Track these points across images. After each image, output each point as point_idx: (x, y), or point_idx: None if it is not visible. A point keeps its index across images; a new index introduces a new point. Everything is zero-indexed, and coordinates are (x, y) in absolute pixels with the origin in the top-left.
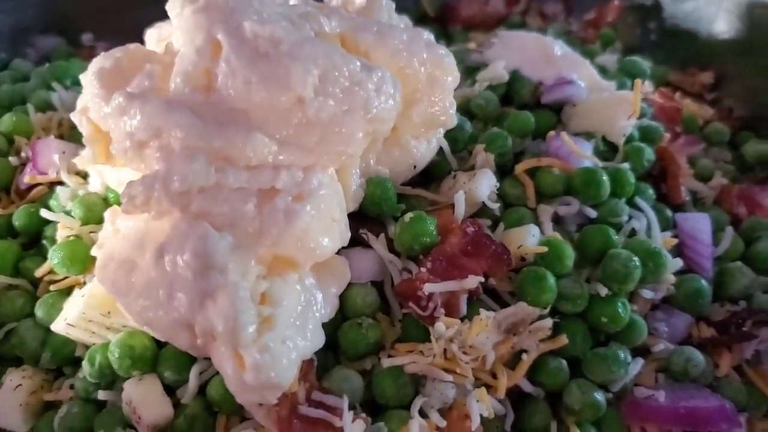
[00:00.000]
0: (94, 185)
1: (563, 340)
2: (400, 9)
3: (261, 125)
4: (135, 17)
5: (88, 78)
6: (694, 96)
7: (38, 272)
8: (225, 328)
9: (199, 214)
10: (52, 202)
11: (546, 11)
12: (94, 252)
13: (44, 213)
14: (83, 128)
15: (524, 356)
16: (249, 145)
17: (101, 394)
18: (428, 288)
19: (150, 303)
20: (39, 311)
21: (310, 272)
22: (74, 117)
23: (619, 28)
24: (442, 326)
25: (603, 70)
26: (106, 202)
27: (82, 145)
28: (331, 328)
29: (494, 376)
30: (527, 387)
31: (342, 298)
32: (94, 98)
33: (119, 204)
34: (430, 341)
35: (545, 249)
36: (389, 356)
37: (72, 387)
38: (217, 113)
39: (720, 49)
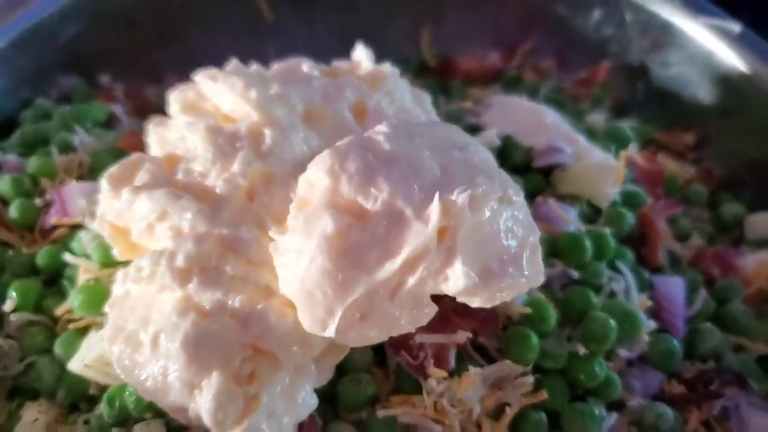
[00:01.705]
0: None
1: (543, 395)
2: (402, 59)
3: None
4: (151, 59)
5: (101, 185)
6: (677, 155)
7: (58, 311)
8: (208, 420)
9: (194, 294)
10: (74, 244)
11: (540, 66)
12: (106, 309)
13: (67, 257)
14: (104, 232)
15: (507, 409)
16: (253, 245)
17: None
18: (419, 337)
19: (150, 385)
20: (58, 348)
21: None
22: (96, 225)
23: (608, 87)
24: (434, 382)
25: (591, 132)
26: None
27: None
28: (330, 382)
29: (479, 426)
30: None
31: None
32: (107, 200)
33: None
34: (421, 393)
35: (529, 310)
36: (384, 407)
37: (86, 422)
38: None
39: (702, 112)
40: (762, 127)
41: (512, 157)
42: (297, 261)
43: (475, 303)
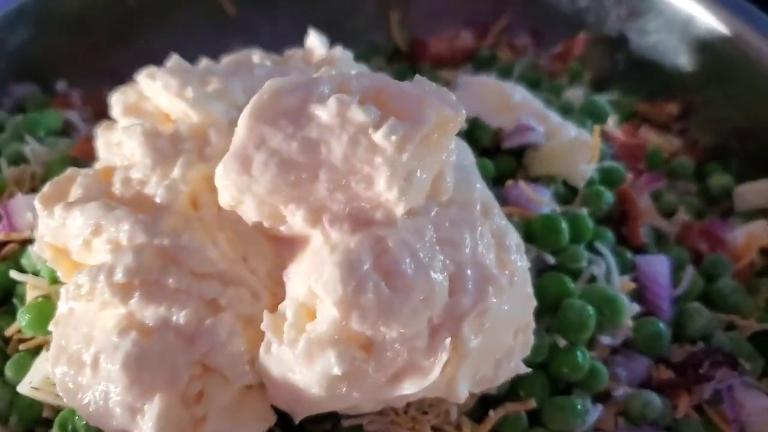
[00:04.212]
0: None
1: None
2: (373, 46)
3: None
4: (110, 62)
5: (35, 205)
6: (661, 126)
7: (8, 331)
8: None
9: (137, 311)
10: (23, 261)
11: (515, 44)
12: (50, 327)
13: (13, 274)
14: (45, 254)
15: (491, 413)
16: (196, 254)
17: None
18: None
19: (93, 409)
20: (8, 371)
21: None
22: (36, 248)
23: (587, 60)
24: None
25: (567, 109)
26: None
27: None
28: None
29: (459, 428)
30: None
31: None
32: (42, 219)
33: None
34: None
35: None
36: (348, 416)
37: None
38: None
39: (685, 80)
40: (748, 92)
41: (480, 140)
42: (288, 375)
43: None
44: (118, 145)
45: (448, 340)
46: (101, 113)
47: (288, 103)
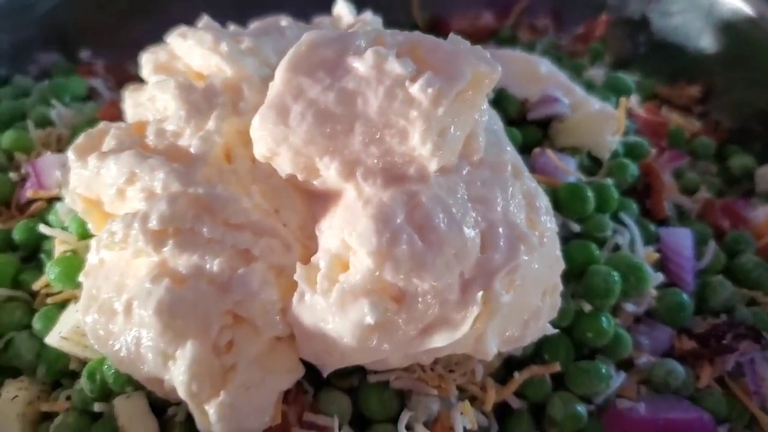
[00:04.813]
0: None
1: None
2: (391, 21)
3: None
4: (132, 33)
5: (69, 156)
6: (682, 109)
7: (36, 285)
8: (182, 392)
9: (170, 258)
10: (51, 217)
11: (536, 25)
12: (80, 278)
13: (42, 228)
14: (77, 205)
15: (516, 374)
16: (230, 204)
17: (97, 407)
18: None
19: (124, 355)
20: (36, 324)
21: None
22: (67, 199)
23: (608, 42)
24: None
25: (590, 85)
26: None
27: None
28: None
29: (483, 388)
30: (514, 403)
31: None
32: (75, 170)
33: None
34: None
35: None
36: (375, 372)
37: (68, 398)
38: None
39: (708, 63)
40: None
41: (507, 110)
42: (320, 325)
43: None
44: (150, 100)
45: (480, 294)
46: (124, 83)
47: (325, 54)
